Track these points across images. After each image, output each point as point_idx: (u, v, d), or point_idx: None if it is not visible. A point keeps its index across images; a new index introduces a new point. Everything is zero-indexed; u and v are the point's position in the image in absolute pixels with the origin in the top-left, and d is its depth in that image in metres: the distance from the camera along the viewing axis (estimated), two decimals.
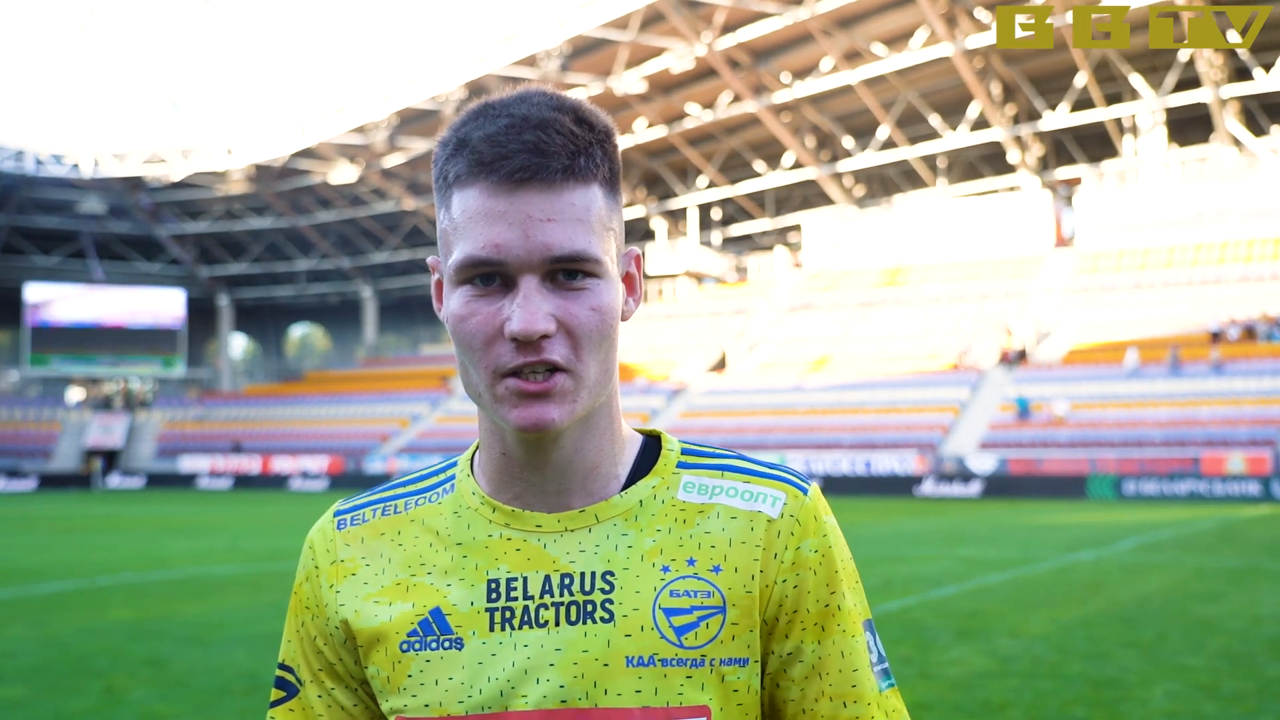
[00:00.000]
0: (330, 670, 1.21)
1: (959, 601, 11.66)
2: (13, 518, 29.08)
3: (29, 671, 8.59)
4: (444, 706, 1.12)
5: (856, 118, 48.23)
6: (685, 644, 1.11)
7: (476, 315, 1.08)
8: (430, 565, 1.17)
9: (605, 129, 1.12)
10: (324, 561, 1.22)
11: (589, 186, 1.09)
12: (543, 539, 1.15)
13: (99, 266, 64.47)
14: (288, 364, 75.58)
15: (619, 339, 1.14)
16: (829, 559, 1.16)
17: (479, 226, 1.07)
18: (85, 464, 53.78)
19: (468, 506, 1.18)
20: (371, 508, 1.23)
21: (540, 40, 42.51)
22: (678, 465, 1.19)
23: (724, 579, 1.13)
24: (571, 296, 1.08)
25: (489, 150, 1.07)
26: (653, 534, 1.15)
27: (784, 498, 1.16)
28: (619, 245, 1.15)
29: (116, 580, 14.72)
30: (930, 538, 19.88)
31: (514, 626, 1.12)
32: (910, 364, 44.02)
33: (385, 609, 1.16)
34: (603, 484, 1.17)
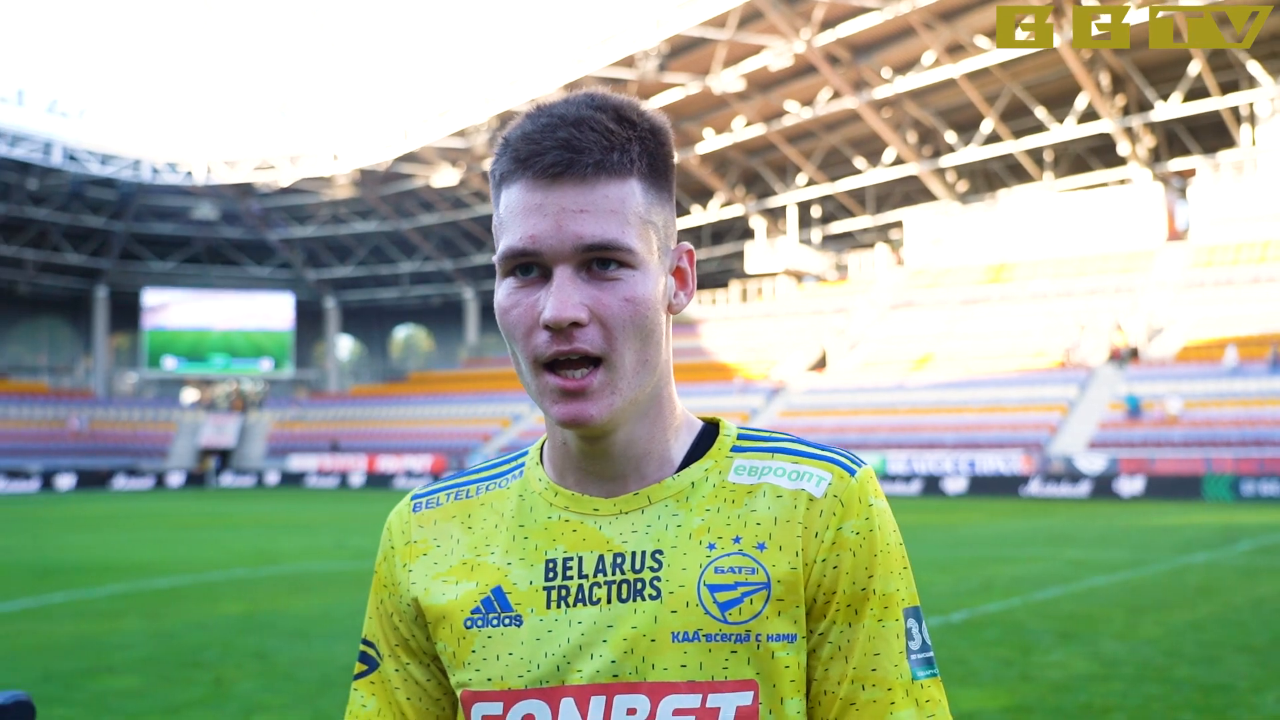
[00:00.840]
0: (405, 646, 1.27)
1: (1063, 604, 11.39)
2: (130, 515, 30.07)
3: (142, 663, 8.88)
4: (504, 680, 1.17)
5: (959, 112, 47.43)
6: (729, 619, 1.13)
7: (518, 306, 1.14)
8: (494, 546, 1.23)
9: (650, 126, 1.17)
10: (399, 542, 1.29)
11: (625, 180, 1.13)
12: (598, 521, 1.19)
13: (212, 271, 66.40)
14: (392, 365, 76.92)
15: (665, 330, 1.18)
16: (870, 542, 1.16)
17: (518, 220, 1.13)
18: (200, 463, 55.41)
19: (532, 491, 1.24)
20: (445, 492, 1.31)
21: (638, 41, 42.61)
22: (732, 449, 1.22)
23: (768, 556, 1.15)
24: (605, 286, 1.12)
25: (525, 148, 1.13)
26: (701, 514, 1.18)
27: (830, 478, 1.18)
28: (663, 239, 1.18)
29: (227, 575, 15.14)
30: (1035, 539, 19.46)
31: (569, 604, 1.17)
32: (1016, 362, 43.15)
33: (452, 587, 1.23)
34: (657, 468, 1.20)
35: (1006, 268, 50.42)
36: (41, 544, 20.34)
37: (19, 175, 53.33)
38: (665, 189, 1.19)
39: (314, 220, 63.10)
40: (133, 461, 54.10)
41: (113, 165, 54.44)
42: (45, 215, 57.96)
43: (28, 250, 60.36)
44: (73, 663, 8.87)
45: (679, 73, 44.47)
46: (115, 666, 8.71)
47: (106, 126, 57.90)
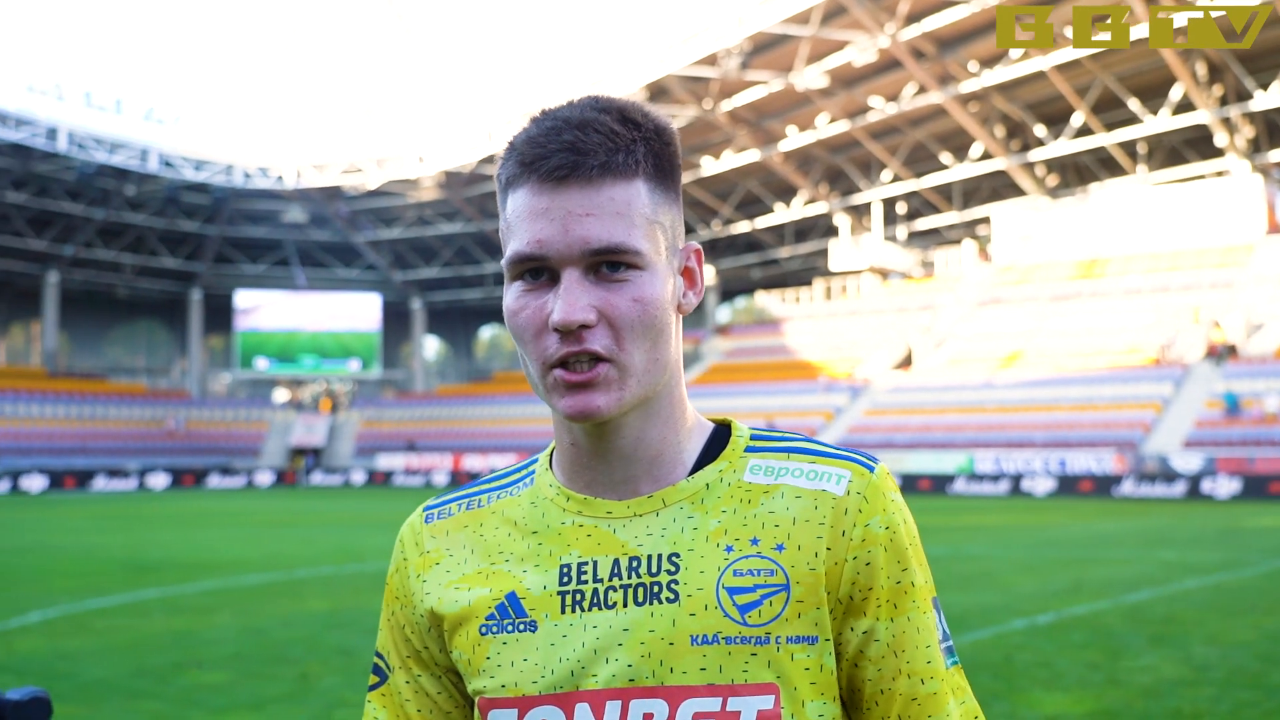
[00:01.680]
0: (417, 657, 1.28)
1: (1154, 606, 11.11)
2: (223, 513, 30.77)
3: (231, 658, 9.06)
4: (519, 687, 1.16)
5: (1049, 104, 46.50)
6: (749, 622, 1.12)
7: (526, 309, 1.14)
8: (508, 553, 1.23)
9: (655, 128, 1.17)
10: (412, 554, 1.30)
11: (630, 182, 1.13)
12: (612, 524, 1.19)
13: (301, 273, 67.67)
14: (477, 364, 77.70)
15: (675, 330, 1.19)
16: (899, 536, 1.16)
17: (525, 224, 1.13)
18: (290, 462, 56.52)
19: (544, 497, 1.24)
20: (457, 503, 1.31)
21: (720, 39, 42.48)
22: (746, 450, 1.22)
23: (787, 557, 1.14)
24: (613, 288, 1.12)
25: (530, 151, 1.13)
26: (718, 515, 1.17)
27: (849, 475, 1.17)
28: (671, 239, 1.18)
29: (314, 572, 15.40)
30: (1127, 540, 19.01)
31: (584, 609, 1.16)
32: (1108, 359, 42.22)
33: (465, 594, 1.22)
34: (669, 470, 1.20)
35: (1098, 263, 49.36)
36: (137, 541, 20.90)
37: (117, 181, 54.88)
38: (672, 189, 1.19)
39: (400, 222, 63.97)
40: (226, 460, 55.38)
41: (206, 171, 55.76)
42: (142, 220, 59.57)
43: (126, 254, 62.09)
44: (164, 657, 9.09)
45: (761, 70, 44.25)
46: (205, 661, 8.90)
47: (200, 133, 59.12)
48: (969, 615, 10.54)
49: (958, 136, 49.15)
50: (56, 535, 22.37)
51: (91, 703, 7.53)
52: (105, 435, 54.50)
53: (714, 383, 53.03)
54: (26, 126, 48.59)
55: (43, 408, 54.58)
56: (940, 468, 38.35)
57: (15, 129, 48.27)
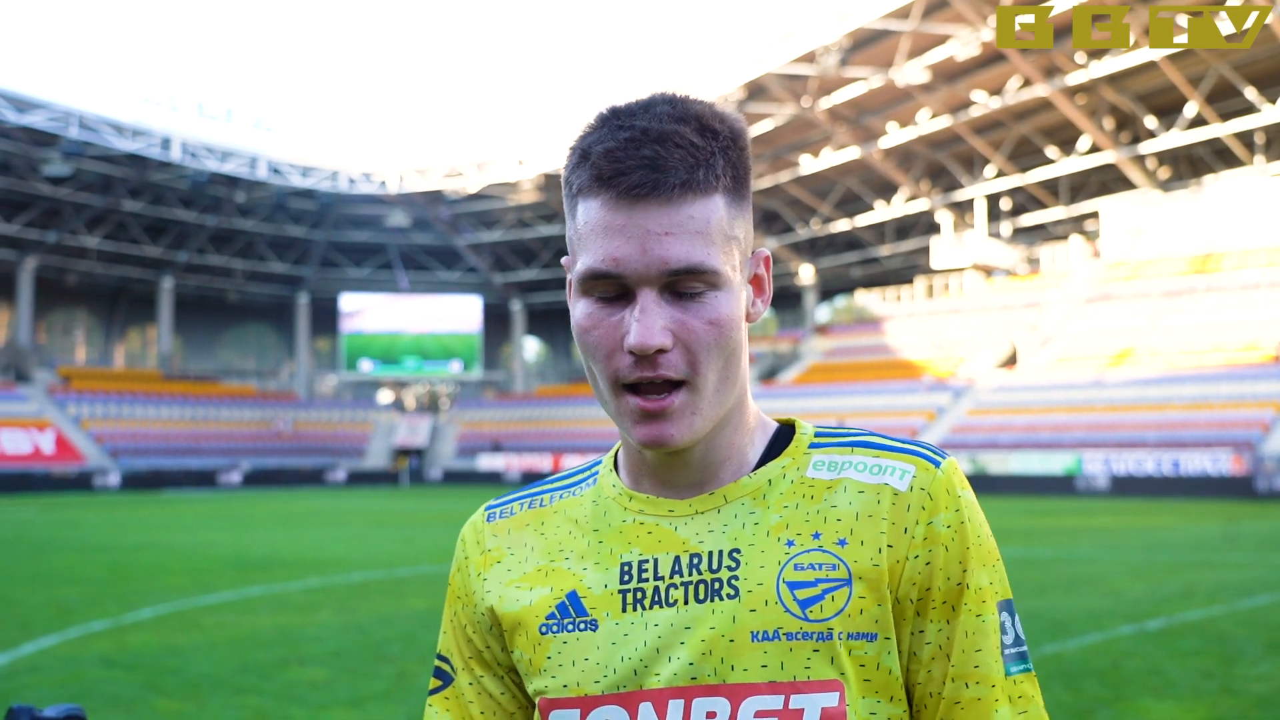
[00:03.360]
0: (479, 658, 1.26)
1: (1272, 612, 10.68)
2: (328, 512, 31.39)
3: (331, 655, 9.20)
4: (581, 686, 1.15)
5: (1160, 95, 45.15)
6: (810, 617, 1.10)
7: (599, 327, 1.11)
8: (569, 551, 1.21)
9: (731, 134, 1.13)
10: (473, 552, 1.28)
11: (709, 198, 1.10)
12: (674, 522, 1.17)
13: (404, 276, 68.82)
14: (576, 365, 78.16)
15: (744, 342, 1.15)
16: (962, 535, 1.12)
17: (599, 239, 1.09)
18: (394, 462, 57.49)
19: (606, 496, 1.22)
20: (519, 501, 1.29)
21: (819, 36, 42.11)
22: (810, 446, 1.19)
23: (849, 552, 1.12)
24: (690, 309, 1.09)
25: (608, 165, 1.09)
26: (780, 510, 1.15)
27: (913, 470, 1.14)
28: (744, 251, 1.15)
29: (415, 571, 15.60)
30: (1245, 543, 18.34)
31: (645, 607, 1.14)
32: (1223, 356, 40.86)
33: (526, 593, 1.21)
34: (734, 469, 1.18)
35: (1213, 258, 47.81)
36: (246, 540, 21.41)
37: (228, 189, 56.41)
38: (746, 197, 1.15)
39: (500, 225, 64.67)
40: (332, 460, 56.57)
41: (313, 177, 57.01)
42: (252, 226, 61.16)
43: (236, 260, 63.79)
44: (268, 653, 9.26)
45: (860, 67, 43.75)
46: (306, 658, 9.04)
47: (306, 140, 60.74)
48: (1075, 620, 10.25)
49: (1064, 130, 48.01)
50: (170, 533, 23.03)
51: (197, 698, 7.70)
52: (217, 436, 56.06)
53: (813, 383, 52.59)
54: (142, 137, 50.20)
55: (158, 409, 56.34)
56: (1047, 468, 37.54)
57: (132, 139, 49.90)
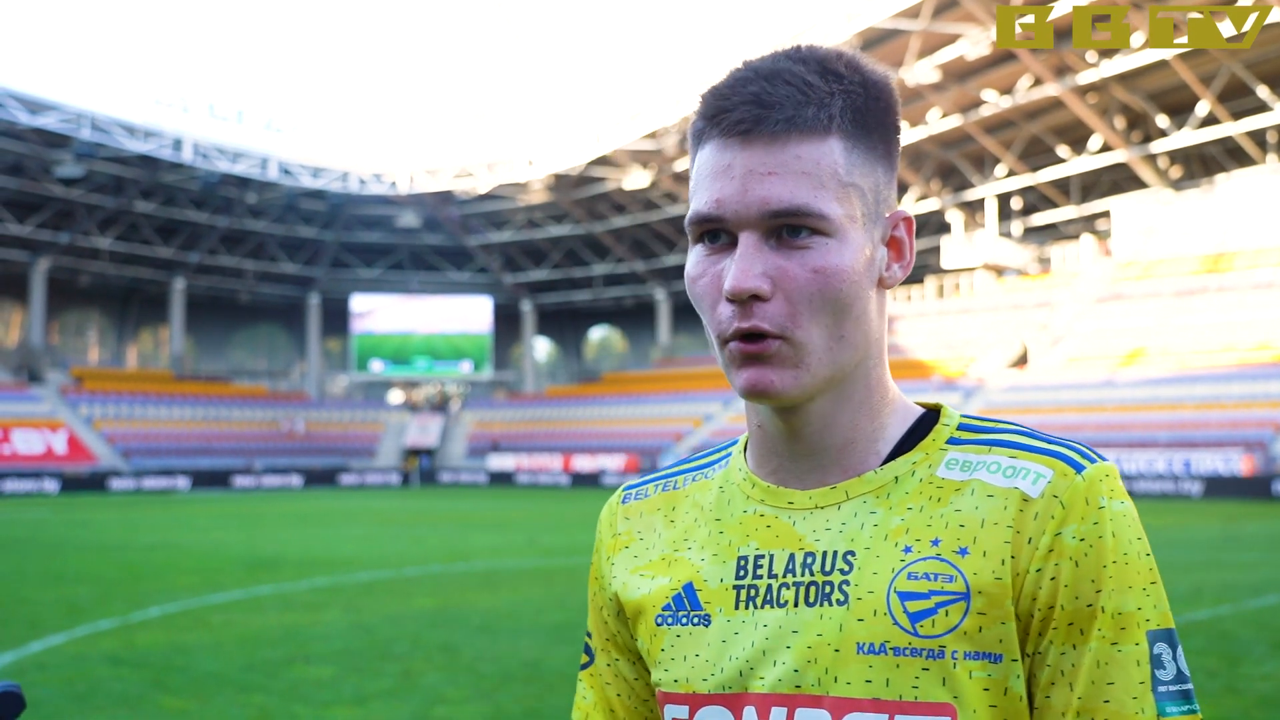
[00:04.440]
0: (614, 641, 1.23)
1: (1279, 613, 10.64)
2: (337, 512, 31.46)
3: (338, 653, 9.23)
4: (690, 683, 1.10)
5: (1172, 94, 44.99)
6: (920, 632, 1.00)
7: (705, 275, 1.06)
8: (692, 540, 1.17)
9: (862, 80, 1.05)
10: (606, 535, 1.25)
11: (822, 139, 1.02)
12: (792, 516, 1.10)
13: (415, 277, 68.95)
14: (587, 365, 78.26)
15: (872, 305, 1.07)
16: (1098, 551, 0.99)
17: (706, 182, 1.05)
18: (405, 462, 57.59)
19: (732, 482, 1.17)
20: (654, 483, 1.25)
21: (829, 35, 42.01)
22: (948, 440, 1.09)
23: (970, 563, 1.01)
24: (792, 255, 1.02)
25: (713, 104, 1.05)
26: (902, 512, 1.06)
27: (1050, 475, 1.02)
28: (870, 204, 1.06)
29: (423, 571, 15.64)
30: (1254, 543, 18.28)
31: (756, 605, 1.08)
32: (1235, 356, 40.70)
33: (648, 582, 1.17)
34: (860, 460, 1.09)
35: (1225, 257, 47.62)
36: (256, 539, 21.47)
37: (239, 190, 56.59)
38: (876, 149, 1.06)
39: (510, 225, 64.73)
40: (343, 461, 56.70)
41: (323, 178, 57.15)
42: (263, 227, 61.33)
43: (247, 261, 63.98)
44: (275, 652, 9.29)
45: None
46: (313, 657, 9.07)
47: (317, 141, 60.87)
48: None
49: (1075, 129, 47.87)
50: (180, 533, 23.11)
51: (202, 696, 7.73)
52: (228, 436, 56.23)
53: None
54: (154, 138, 50.39)
55: (170, 410, 56.53)
56: None
57: (144, 140, 50.09)
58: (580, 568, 15.74)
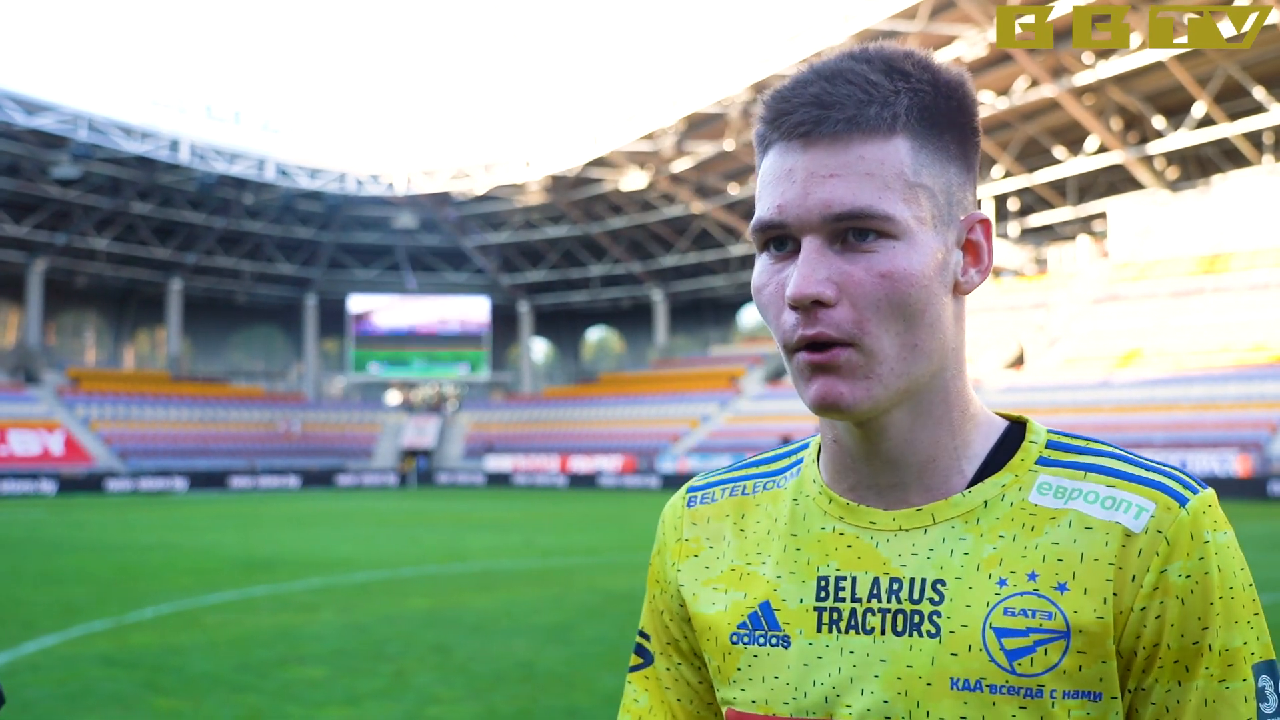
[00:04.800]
0: (676, 646, 1.20)
1: (1271, 614, 10.64)
2: (334, 513, 31.45)
3: (331, 654, 9.24)
4: (770, 706, 1.07)
5: (1168, 95, 45.05)
6: (1018, 670, 0.97)
7: (769, 285, 1.03)
8: (765, 554, 1.13)
9: (931, 79, 1.02)
10: (671, 539, 1.21)
11: (888, 139, 0.99)
12: (875, 537, 1.06)
13: (412, 278, 68.93)
14: (584, 366, 78.27)
15: (948, 311, 1.03)
16: (1205, 587, 0.96)
17: (769, 188, 1.02)
18: (402, 463, 57.59)
19: (807, 495, 1.13)
20: (722, 487, 1.21)
21: (826, 37, 42.07)
22: (1038, 461, 1.05)
23: (1070, 600, 0.98)
24: (858, 260, 0.98)
25: (775, 106, 1.02)
26: (994, 540, 1.02)
27: (1152, 508, 0.98)
28: (941, 206, 1.02)
29: (418, 571, 15.64)
30: (1246, 545, 18.27)
31: (840, 630, 1.05)
32: (1232, 357, 40.75)
33: (721, 596, 1.14)
34: (944, 479, 1.05)
35: (1221, 258, 47.69)
36: (252, 540, 21.47)
37: (236, 191, 56.57)
38: (947, 148, 1.03)
39: (507, 226, 64.74)
40: (340, 461, 56.70)
41: (321, 179, 57.14)
42: (260, 228, 61.32)
43: (245, 262, 63.96)
44: (267, 652, 9.30)
45: None
46: (305, 657, 9.08)
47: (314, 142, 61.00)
48: None
49: (1072, 130, 47.93)
50: (177, 534, 23.11)
51: (195, 696, 7.73)
52: (226, 437, 56.21)
53: None
54: (151, 139, 50.37)
55: (167, 411, 56.51)
56: None
57: (140, 141, 50.07)
58: (577, 569, 15.75)
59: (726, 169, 53.46)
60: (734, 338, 70.10)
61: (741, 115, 46.78)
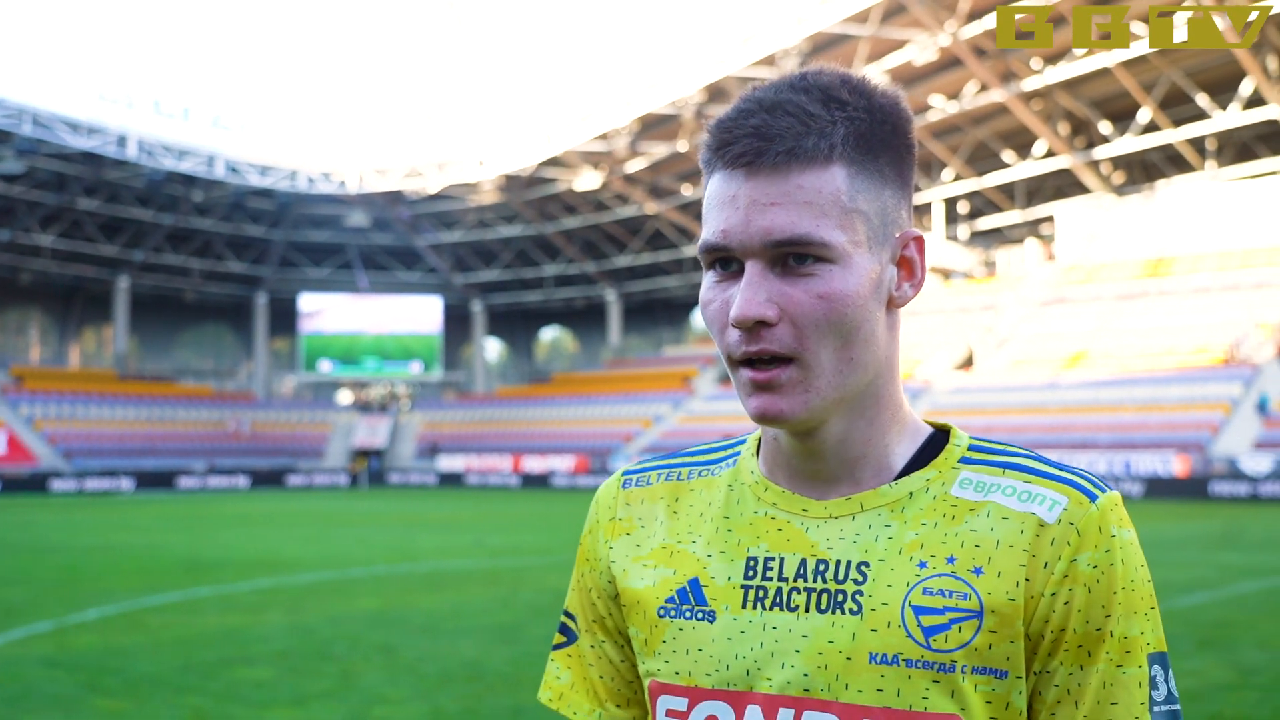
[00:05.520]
0: (601, 623, 1.25)
1: (1207, 610, 10.91)
2: (283, 513, 31.21)
3: (277, 655, 9.20)
4: (692, 677, 1.13)
5: (1114, 101, 45.75)
6: (933, 646, 1.05)
7: (714, 302, 1.10)
8: (697, 535, 1.19)
9: (867, 105, 1.09)
10: (604, 518, 1.27)
11: (825, 168, 1.06)
12: (806, 523, 1.13)
13: (364, 277, 68.49)
14: (537, 366, 78.13)
15: (880, 325, 1.10)
16: (1110, 578, 1.05)
17: (714, 212, 1.09)
18: (353, 463, 57.20)
19: (742, 483, 1.20)
20: (657, 471, 1.27)
21: (779, 39, 42.31)
22: (960, 460, 1.14)
23: (984, 582, 1.06)
24: (797, 282, 1.06)
25: (719, 136, 1.09)
26: (917, 527, 1.10)
27: (1065, 502, 1.07)
28: (876, 227, 1.09)
29: (367, 572, 15.58)
30: (1189, 543, 18.65)
31: (765, 606, 1.11)
32: (1175, 359, 41.46)
33: (650, 572, 1.19)
34: (874, 473, 1.13)
35: (1166, 261, 48.50)
36: (198, 541, 21.26)
37: (185, 187, 55.93)
38: (883, 171, 1.10)
39: (461, 225, 64.50)
40: (291, 461, 56.18)
41: (271, 176, 56.64)
42: (209, 225, 60.67)
43: (194, 259, 63.26)
44: (213, 653, 9.24)
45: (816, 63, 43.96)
46: (251, 658, 9.04)
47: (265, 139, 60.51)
48: None
49: (1020, 134, 48.53)
50: (122, 535, 22.84)
51: (137, 698, 7.69)
52: (173, 437, 55.55)
53: None
54: (98, 134, 49.69)
55: (113, 410, 55.75)
56: None
57: (87, 137, 49.39)
58: (527, 569, 15.76)
59: (680, 169, 53.59)
60: (687, 338, 70.26)
61: (695, 116, 46.90)
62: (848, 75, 1.10)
